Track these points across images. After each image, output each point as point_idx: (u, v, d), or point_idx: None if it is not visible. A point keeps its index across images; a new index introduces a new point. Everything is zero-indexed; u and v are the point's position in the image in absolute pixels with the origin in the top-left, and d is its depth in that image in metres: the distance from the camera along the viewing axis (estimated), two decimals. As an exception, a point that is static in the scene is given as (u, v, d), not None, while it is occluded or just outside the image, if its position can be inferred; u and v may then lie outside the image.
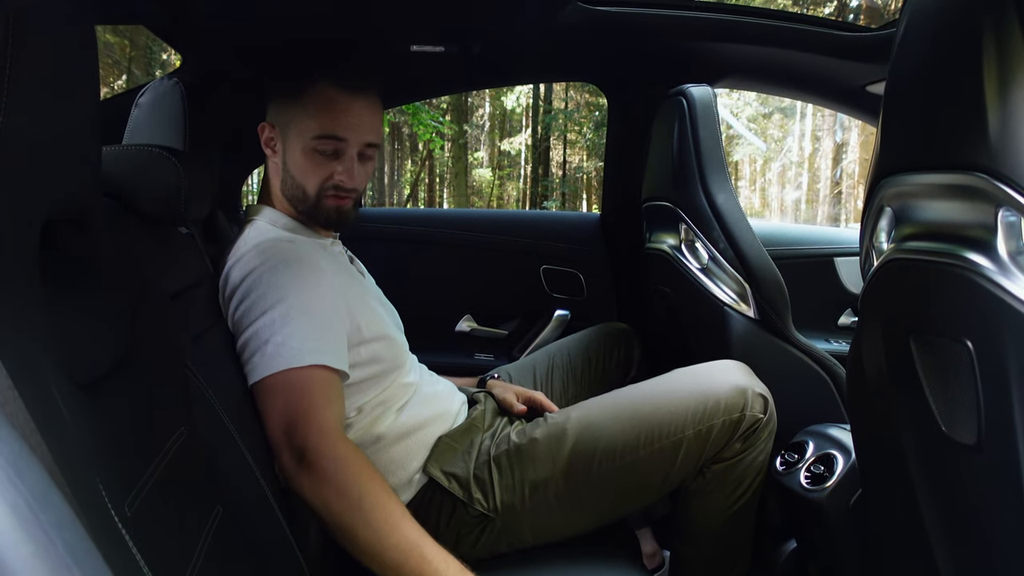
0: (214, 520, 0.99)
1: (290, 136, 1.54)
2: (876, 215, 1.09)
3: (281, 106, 1.55)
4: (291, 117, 1.53)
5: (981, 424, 0.91)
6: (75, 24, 0.75)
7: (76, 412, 0.70)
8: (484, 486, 1.50)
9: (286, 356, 1.32)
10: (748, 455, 1.55)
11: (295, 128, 1.52)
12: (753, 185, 18.76)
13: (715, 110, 1.86)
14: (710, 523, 1.59)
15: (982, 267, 0.86)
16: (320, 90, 1.51)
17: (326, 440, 1.28)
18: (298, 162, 1.53)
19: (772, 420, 1.58)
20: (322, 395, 1.33)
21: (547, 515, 1.50)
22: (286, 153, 1.55)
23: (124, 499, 0.75)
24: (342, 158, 1.53)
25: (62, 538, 0.45)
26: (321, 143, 1.51)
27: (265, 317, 1.34)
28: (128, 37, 10.14)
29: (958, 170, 0.87)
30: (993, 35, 0.81)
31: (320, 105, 1.50)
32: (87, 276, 0.89)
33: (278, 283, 1.37)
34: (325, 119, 1.50)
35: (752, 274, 1.76)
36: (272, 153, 1.58)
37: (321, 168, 1.53)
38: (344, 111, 1.51)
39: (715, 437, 1.52)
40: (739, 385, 1.56)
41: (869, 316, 1.15)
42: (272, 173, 1.61)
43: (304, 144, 1.52)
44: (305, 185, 1.54)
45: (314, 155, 1.52)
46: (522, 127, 17.88)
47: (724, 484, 1.56)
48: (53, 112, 0.71)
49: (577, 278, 2.64)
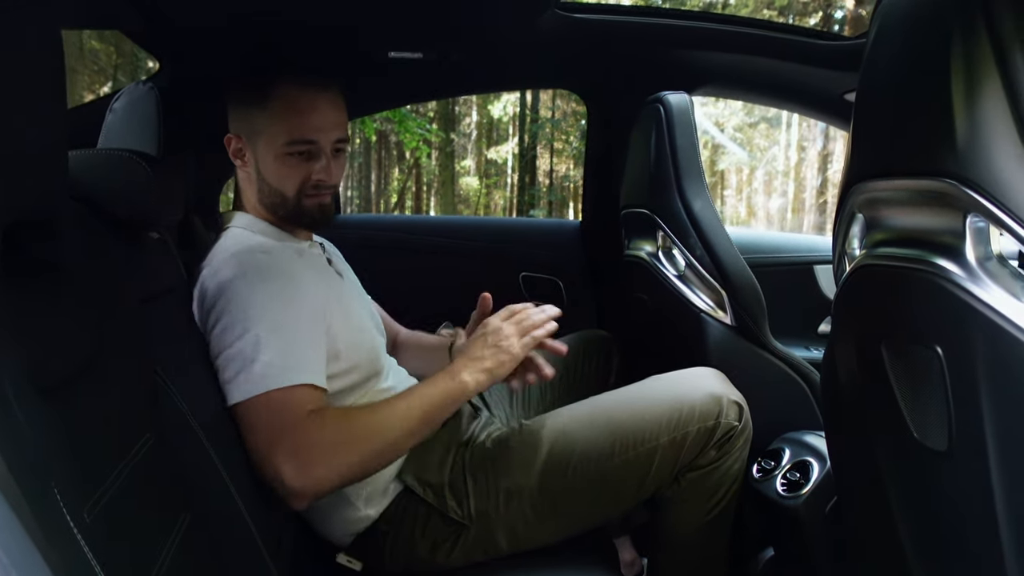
0: (181, 526, 0.98)
1: (259, 144, 1.51)
2: (848, 221, 1.09)
3: (245, 115, 1.52)
4: (257, 125, 1.50)
5: (951, 430, 0.91)
6: (38, 26, 0.74)
7: (34, 416, 0.69)
8: (459, 494, 1.50)
9: (273, 376, 1.30)
10: (723, 463, 1.55)
11: (264, 136, 1.50)
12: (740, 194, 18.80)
13: (692, 117, 1.86)
14: (686, 531, 1.58)
15: (951, 273, 0.86)
16: (282, 94, 1.48)
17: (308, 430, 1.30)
18: (273, 169, 1.51)
19: (747, 428, 1.58)
20: (299, 410, 1.32)
21: (522, 523, 1.50)
22: (258, 162, 1.52)
23: (83, 505, 0.74)
24: (317, 158, 1.52)
25: (2, 544, 0.44)
26: (294, 147, 1.49)
27: (248, 336, 1.32)
28: (113, 44, 10.09)
29: (927, 176, 0.87)
30: (961, 42, 0.81)
31: (286, 109, 1.48)
32: (52, 280, 0.88)
33: (256, 299, 1.35)
34: (293, 123, 1.48)
35: (729, 281, 1.76)
36: (242, 164, 1.55)
37: (298, 171, 1.51)
38: (310, 112, 1.49)
39: (690, 444, 1.51)
40: (714, 393, 1.56)
41: (842, 322, 1.16)
42: (244, 183, 1.58)
43: (276, 151, 1.49)
44: (284, 190, 1.52)
45: (288, 159, 1.50)
46: (509, 136, 17.88)
47: (699, 492, 1.55)
48: (15, 115, 0.70)
49: (556, 285, 2.64)
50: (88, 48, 9.81)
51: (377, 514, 1.49)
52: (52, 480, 0.67)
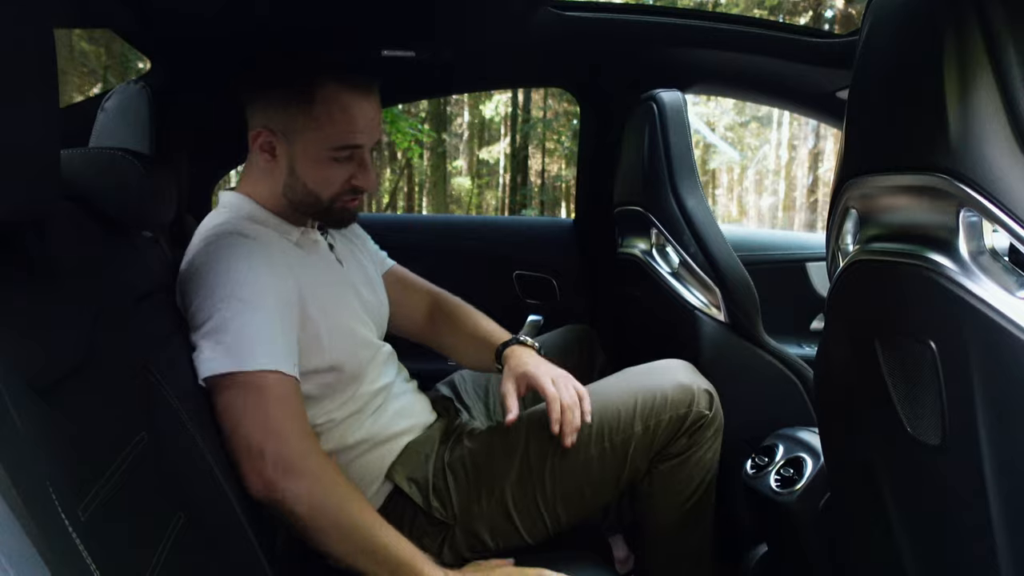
0: (175, 527, 0.98)
1: (298, 144, 1.44)
2: (841, 217, 1.10)
3: (283, 112, 1.43)
4: (298, 124, 1.42)
5: (945, 424, 0.91)
6: (30, 24, 0.74)
7: (28, 414, 0.69)
8: (441, 493, 1.50)
9: (237, 358, 1.28)
10: (696, 452, 1.56)
11: (306, 137, 1.43)
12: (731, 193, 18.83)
13: (685, 115, 1.87)
14: (665, 523, 1.60)
15: (944, 267, 0.86)
16: (330, 96, 1.41)
17: (308, 449, 1.29)
18: (312, 171, 1.45)
19: (718, 417, 1.59)
20: (288, 402, 1.31)
21: (505, 519, 1.50)
22: (293, 160, 1.45)
23: (78, 504, 0.73)
24: (358, 161, 1.47)
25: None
26: (339, 153, 1.43)
27: (215, 314, 1.29)
28: (104, 45, 10.06)
29: (920, 171, 0.88)
30: (954, 37, 0.81)
31: (333, 113, 1.41)
32: (45, 279, 0.88)
33: (223, 281, 1.32)
34: (341, 128, 1.42)
35: (722, 278, 1.76)
36: (271, 159, 1.47)
37: (339, 174, 1.45)
38: (359, 116, 1.43)
39: (663, 433, 1.53)
40: (685, 382, 1.57)
41: (835, 318, 1.16)
42: (263, 175, 1.49)
43: (319, 154, 1.43)
44: (319, 192, 1.46)
45: (331, 163, 1.44)
46: (501, 136, 17.88)
47: (674, 482, 1.57)
48: (7, 113, 0.70)
49: (550, 283, 2.64)
50: (78, 50, 9.78)
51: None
52: (47, 479, 0.67)
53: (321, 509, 1.26)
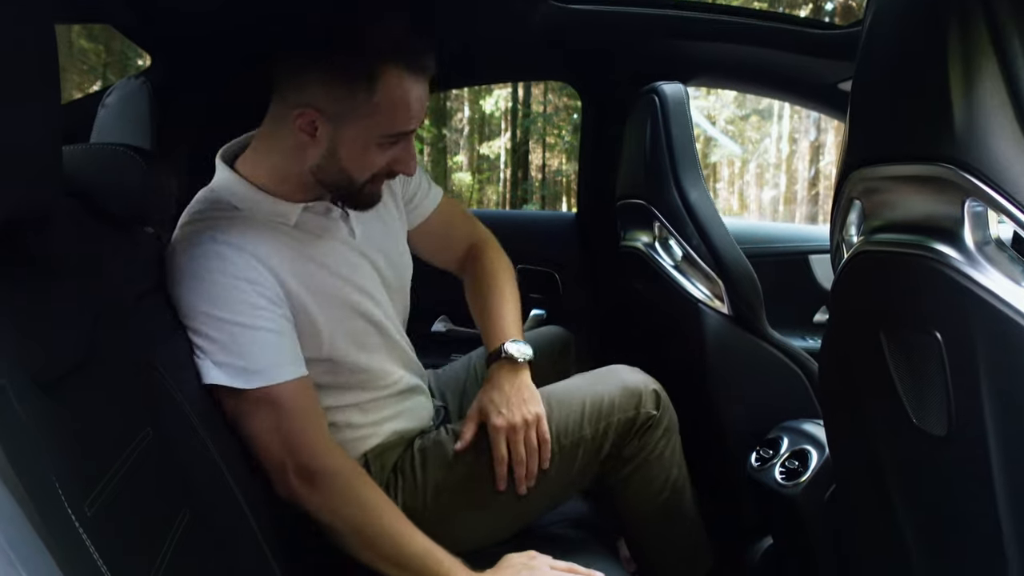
0: (181, 522, 0.98)
1: (348, 127, 1.33)
2: (845, 209, 1.09)
3: (337, 97, 1.31)
4: (351, 110, 1.31)
5: (951, 416, 0.91)
6: (31, 21, 0.73)
7: (34, 411, 0.69)
8: (391, 486, 1.49)
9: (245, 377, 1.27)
10: (652, 453, 1.54)
11: (359, 122, 1.33)
12: (732, 186, 18.81)
13: (687, 107, 1.86)
14: (645, 526, 1.60)
15: (950, 258, 0.86)
16: (394, 81, 1.30)
17: (329, 457, 1.32)
18: (357, 154, 1.36)
19: (667, 416, 1.56)
20: (304, 409, 1.32)
21: (452, 518, 1.47)
22: (337, 143, 1.35)
23: (84, 499, 0.73)
24: (403, 145, 1.39)
25: (5, 534, 0.44)
26: (390, 139, 1.36)
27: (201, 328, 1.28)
28: (103, 42, 10.05)
29: (925, 161, 0.88)
30: (958, 26, 0.81)
31: (395, 99, 1.31)
32: (48, 276, 0.88)
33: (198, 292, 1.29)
34: (400, 115, 1.33)
35: (725, 271, 1.76)
36: (310, 138, 1.35)
37: (381, 159, 1.37)
38: (416, 101, 1.34)
39: (612, 436, 1.51)
40: (631, 384, 1.55)
41: (840, 309, 1.16)
42: (291, 151, 1.39)
43: (369, 140, 1.35)
44: (355, 174, 1.38)
45: (377, 148, 1.36)
46: (501, 131, 17.86)
47: (639, 486, 1.56)
48: (8, 110, 0.70)
49: (553, 277, 2.64)
50: (77, 47, 9.78)
51: None
52: (53, 475, 0.67)
53: (343, 518, 1.30)
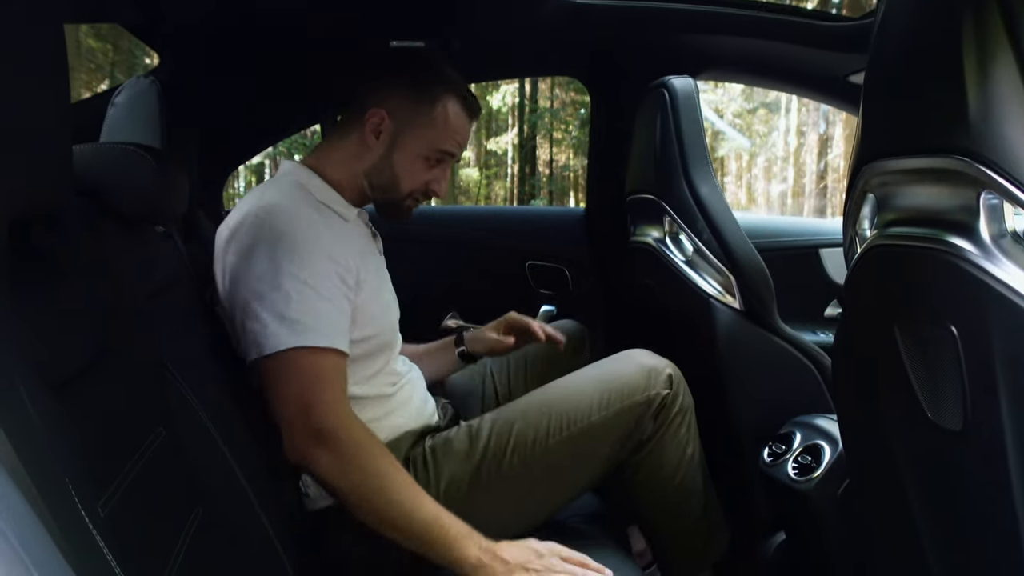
0: (194, 522, 0.98)
1: (407, 135, 1.54)
2: (859, 202, 1.08)
3: (406, 103, 1.54)
4: (414, 119, 1.54)
5: (967, 410, 0.90)
6: (42, 21, 0.73)
7: (45, 413, 0.68)
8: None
9: (302, 335, 1.33)
10: (666, 432, 1.57)
11: (418, 132, 1.54)
12: (740, 180, 18.77)
13: (697, 102, 1.85)
14: (661, 510, 1.61)
15: (965, 251, 0.85)
16: (452, 105, 1.56)
17: (345, 423, 1.33)
18: (407, 163, 1.56)
19: (681, 395, 1.59)
20: (337, 378, 1.37)
21: (464, 513, 1.46)
22: (394, 147, 1.55)
23: (97, 500, 0.73)
24: (443, 169, 1.60)
25: (20, 538, 0.44)
26: (437, 154, 1.57)
27: (276, 290, 1.33)
28: (111, 41, 10.07)
29: (939, 154, 0.87)
30: (972, 17, 0.80)
31: (450, 120, 1.55)
32: (59, 276, 0.88)
33: (293, 252, 1.36)
34: (449, 135, 1.56)
35: (737, 265, 1.75)
36: (374, 139, 1.55)
37: (425, 173, 1.58)
38: (463, 130, 1.59)
39: (624, 420, 1.54)
40: (646, 365, 1.59)
41: (853, 304, 1.15)
42: (353, 150, 1.57)
43: (420, 150, 1.55)
44: (401, 183, 1.57)
45: (425, 162, 1.56)
46: (508, 126, 17.85)
47: (654, 468, 1.58)
48: (19, 110, 0.70)
49: (563, 273, 2.63)
50: (85, 46, 9.80)
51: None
52: (66, 476, 0.67)
53: (353, 484, 1.31)
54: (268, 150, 12.37)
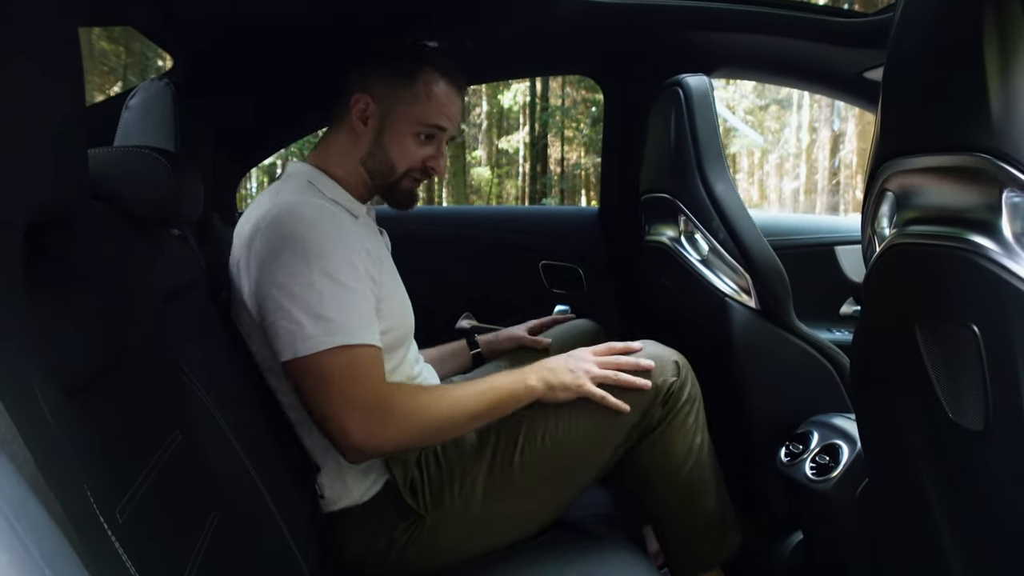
0: (211, 525, 0.98)
1: (393, 115, 1.56)
2: (878, 201, 1.07)
3: (387, 84, 1.56)
4: (398, 98, 1.55)
5: (989, 409, 0.89)
6: (56, 23, 0.73)
7: (63, 417, 0.68)
8: (415, 483, 1.50)
9: (343, 334, 1.35)
10: (674, 419, 1.57)
11: (401, 109, 1.55)
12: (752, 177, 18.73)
13: (712, 100, 1.84)
14: (669, 500, 1.61)
15: (987, 249, 0.84)
16: (432, 79, 1.56)
17: (388, 396, 1.40)
18: (397, 142, 1.57)
19: (687, 383, 1.60)
20: (376, 368, 1.41)
21: (479, 513, 1.51)
22: (383, 129, 1.57)
23: (115, 505, 0.73)
24: (436, 144, 1.60)
25: (39, 547, 0.44)
26: (426, 130, 1.56)
27: (313, 288, 1.35)
28: (123, 44, 10.13)
29: (960, 151, 0.86)
30: (994, 13, 0.79)
31: (433, 94, 1.56)
32: (75, 279, 0.87)
33: (318, 249, 1.37)
34: (435, 108, 1.56)
35: (753, 264, 1.74)
36: (363, 125, 1.57)
37: (417, 151, 1.58)
38: (450, 103, 1.58)
39: (633, 406, 1.53)
40: (651, 354, 1.59)
41: (873, 303, 1.14)
42: (347, 140, 1.59)
43: (408, 128, 1.56)
44: (396, 164, 1.58)
45: (415, 139, 1.57)
46: (519, 125, 17.86)
47: (661, 454, 1.58)
48: (34, 113, 0.70)
49: (577, 273, 2.63)
50: (98, 49, 9.85)
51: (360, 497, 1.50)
52: (83, 481, 0.66)
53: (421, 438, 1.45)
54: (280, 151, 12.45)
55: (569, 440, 1.53)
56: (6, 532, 0.42)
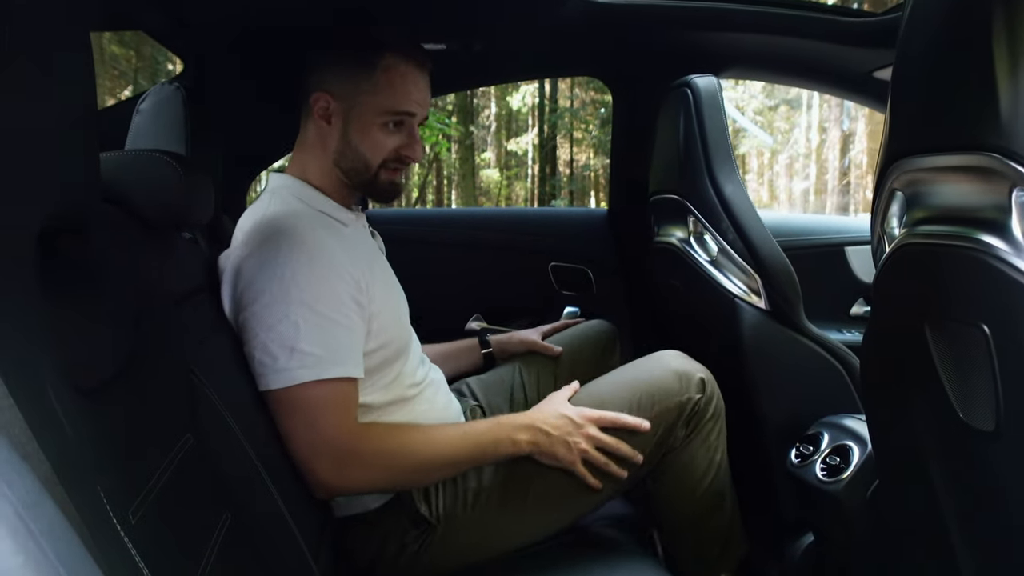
0: (223, 527, 0.98)
1: (355, 108, 1.49)
2: (887, 201, 1.07)
3: (344, 77, 1.49)
4: (358, 88, 1.48)
5: (999, 410, 0.89)
6: (68, 28, 0.74)
7: (77, 419, 0.69)
8: (428, 493, 1.48)
9: (313, 367, 1.31)
10: (697, 437, 1.55)
11: (363, 101, 1.48)
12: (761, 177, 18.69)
13: (720, 100, 1.84)
14: (684, 514, 1.59)
15: (997, 249, 0.84)
16: (392, 65, 1.48)
17: (358, 436, 1.37)
18: (364, 136, 1.50)
19: (714, 401, 1.58)
20: (349, 405, 1.37)
21: (492, 522, 1.48)
22: (348, 125, 1.50)
23: (128, 507, 0.74)
24: (407, 131, 1.53)
25: (54, 548, 0.44)
26: (393, 118, 1.50)
27: (287, 320, 1.32)
28: (134, 48, 10.16)
29: (970, 151, 0.86)
30: (1003, 12, 0.79)
31: (393, 81, 1.48)
32: (88, 282, 0.88)
33: (293, 277, 1.33)
34: (399, 95, 1.49)
35: (762, 265, 1.74)
36: (327, 124, 1.52)
37: (388, 141, 1.51)
38: (414, 86, 1.51)
39: (657, 423, 1.51)
40: (676, 370, 1.57)
41: (883, 303, 1.14)
42: (316, 144, 1.54)
43: (373, 119, 1.49)
44: (368, 158, 1.51)
45: (383, 129, 1.50)
46: (528, 127, 17.86)
47: (683, 472, 1.56)
48: (47, 118, 0.70)
49: (586, 274, 2.63)
50: (108, 53, 9.89)
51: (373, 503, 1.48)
52: (97, 483, 0.67)
53: (392, 482, 1.43)
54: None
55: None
56: (22, 533, 0.43)
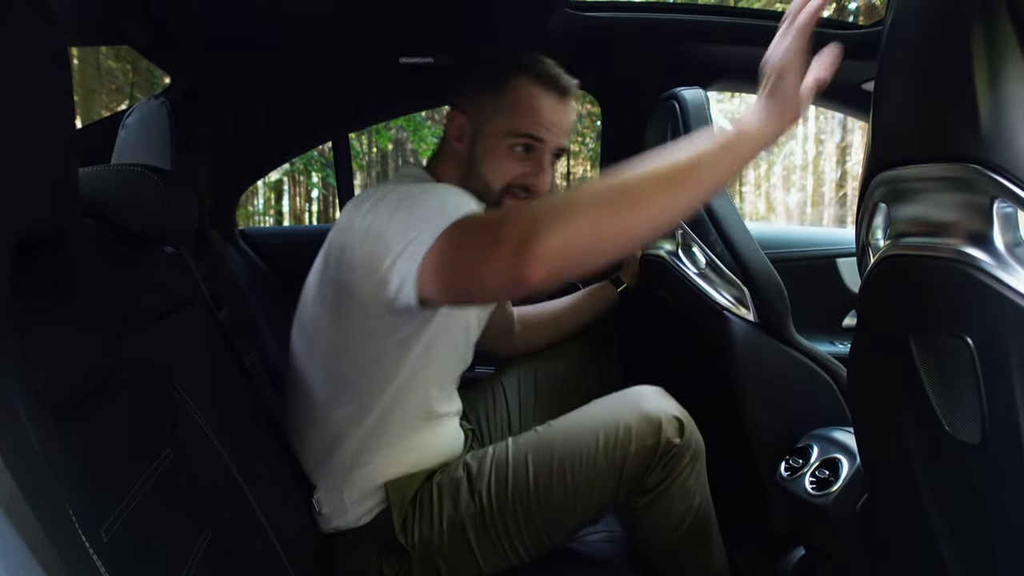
0: (202, 544, 0.97)
1: (484, 128, 1.49)
2: (871, 212, 1.07)
3: (477, 97, 1.50)
4: (486, 111, 1.48)
5: (985, 422, 0.88)
6: (45, 42, 0.73)
7: (48, 436, 0.68)
8: (404, 521, 1.47)
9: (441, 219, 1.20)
10: (675, 482, 1.50)
11: (491, 122, 1.48)
12: (758, 189, 18.70)
13: (708, 112, 1.84)
14: (661, 554, 1.56)
15: (979, 261, 0.84)
16: (523, 87, 1.47)
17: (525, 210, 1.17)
18: (489, 158, 1.49)
19: (692, 444, 1.52)
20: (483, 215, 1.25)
21: (466, 554, 1.46)
22: (475, 146, 1.50)
23: (100, 524, 0.73)
24: (535, 159, 1.50)
25: (7, 567, 0.43)
26: (519, 141, 1.47)
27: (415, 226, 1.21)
28: (130, 62, 10.17)
29: (950, 162, 0.85)
30: (982, 22, 0.79)
31: (522, 101, 1.47)
32: (66, 298, 0.87)
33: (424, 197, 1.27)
34: (525, 118, 1.47)
35: (750, 277, 1.73)
36: (459, 144, 1.52)
37: (513, 166, 1.49)
38: (545, 111, 1.49)
39: (630, 466, 1.47)
40: (650, 411, 1.50)
41: (867, 315, 1.14)
42: (450, 160, 1.54)
43: (499, 141, 1.48)
44: (491, 182, 1.50)
45: (508, 153, 1.48)
46: (524, 139, 17.92)
47: (659, 515, 1.52)
48: (24, 131, 0.70)
49: (575, 287, 2.62)
50: (105, 67, 9.90)
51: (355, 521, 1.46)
52: (67, 501, 0.66)
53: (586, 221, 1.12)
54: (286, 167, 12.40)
55: (561, 497, 1.47)
56: None
